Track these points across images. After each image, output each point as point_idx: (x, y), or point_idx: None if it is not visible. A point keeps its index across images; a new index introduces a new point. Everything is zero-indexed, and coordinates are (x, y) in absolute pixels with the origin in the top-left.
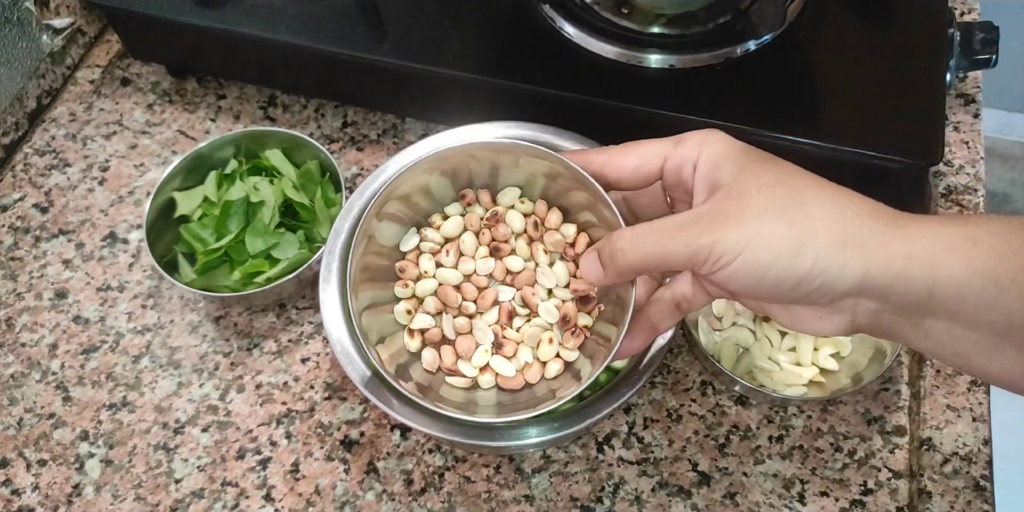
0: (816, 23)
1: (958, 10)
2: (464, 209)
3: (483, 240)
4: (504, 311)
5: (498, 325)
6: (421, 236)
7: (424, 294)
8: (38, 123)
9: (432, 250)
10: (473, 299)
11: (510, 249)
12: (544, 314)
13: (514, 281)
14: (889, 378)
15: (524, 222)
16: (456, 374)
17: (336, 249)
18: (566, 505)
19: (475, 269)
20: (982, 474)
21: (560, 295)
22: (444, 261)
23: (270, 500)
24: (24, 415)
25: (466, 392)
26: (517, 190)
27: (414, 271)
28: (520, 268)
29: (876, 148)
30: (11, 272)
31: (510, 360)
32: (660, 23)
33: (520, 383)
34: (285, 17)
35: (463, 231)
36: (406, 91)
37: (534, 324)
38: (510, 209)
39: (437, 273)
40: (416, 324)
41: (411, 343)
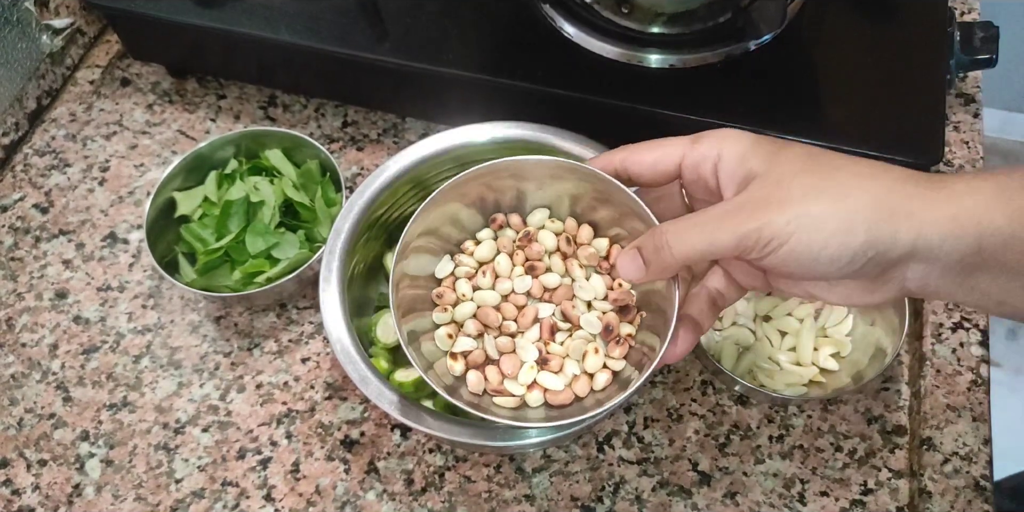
0: (817, 22)
1: (958, 10)
2: (495, 233)
3: (517, 260)
4: (546, 327)
5: (541, 341)
6: (456, 262)
7: (463, 318)
8: (38, 123)
9: (468, 274)
10: (513, 318)
11: (545, 267)
12: (586, 326)
13: (552, 297)
14: (889, 377)
15: (556, 240)
16: (503, 394)
17: (336, 249)
18: (567, 505)
19: (512, 288)
20: (982, 474)
21: (600, 307)
22: (481, 283)
23: (270, 500)
24: (24, 415)
25: (514, 412)
26: (546, 210)
27: (451, 296)
28: (557, 284)
29: (876, 147)
30: (11, 272)
31: (557, 374)
32: (660, 22)
33: (569, 397)
34: (285, 17)
35: (497, 253)
36: (406, 91)
37: (577, 337)
38: (541, 229)
39: (475, 296)
40: (458, 347)
41: (455, 366)
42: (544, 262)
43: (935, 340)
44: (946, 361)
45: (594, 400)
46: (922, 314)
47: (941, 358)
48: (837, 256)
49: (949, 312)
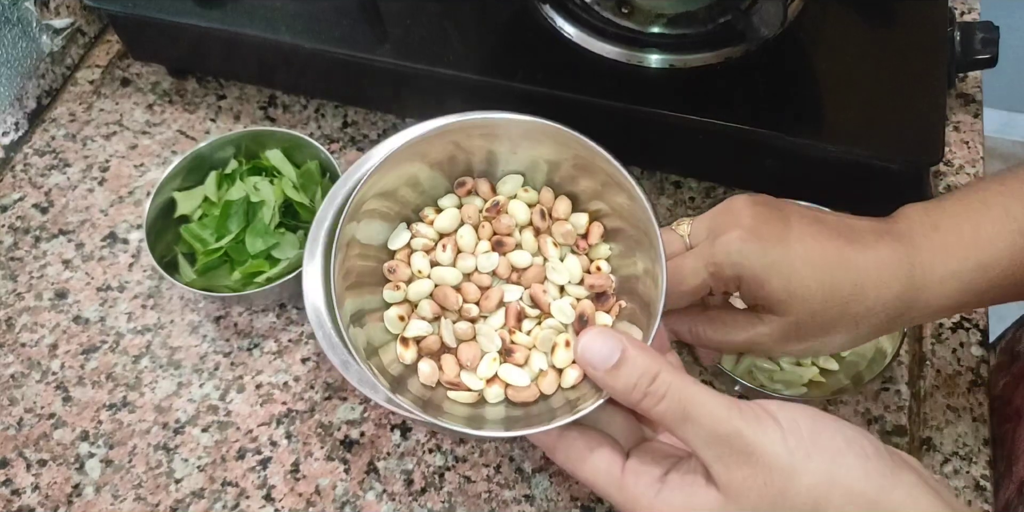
0: (817, 23)
1: (958, 10)
2: (460, 200)
3: (483, 234)
4: (512, 312)
5: (505, 329)
6: (412, 232)
7: (418, 297)
8: (38, 123)
9: (425, 247)
10: (475, 301)
11: (515, 243)
12: (558, 314)
13: (521, 278)
14: (889, 378)
15: (529, 213)
16: (459, 388)
17: (320, 236)
18: (566, 505)
19: (476, 266)
20: (982, 474)
21: (574, 293)
22: (440, 259)
23: (270, 500)
24: (24, 415)
25: (471, 408)
26: (519, 178)
27: (406, 271)
28: (527, 264)
29: (876, 148)
30: (11, 272)
31: (522, 368)
32: (660, 23)
33: (534, 394)
34: (285, 17)
35: (460, 225)
36: (406, 91)
37: (547, 326)
38: (512, 199)
39: (432, 272)
40: (410, 332)
41: (405, 354)
42: (514, 238)
43: (935, 340)
44: (946, 361)
45: (563, 399)
46: None
47: (941, 358)
48: None
49: None
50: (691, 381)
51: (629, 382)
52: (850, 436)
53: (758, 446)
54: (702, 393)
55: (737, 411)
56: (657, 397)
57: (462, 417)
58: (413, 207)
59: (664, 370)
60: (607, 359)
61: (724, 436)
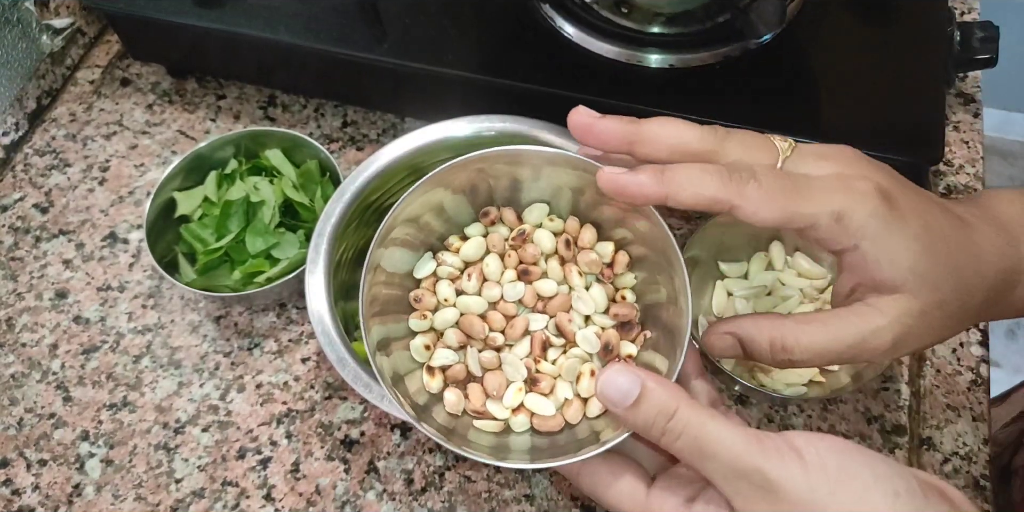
0: (816, 22)
1: (958, 10)
2: (486, 229)
3: (509, 263)
4: (537, 342)
5: (531, 358)
6: (438, 260)
7: (444, 326)
8: (38, 123)
9: (451, 276)
10: (501, 329)
11: (541, 272)
12: (583, 343)
13: (546, 307)
14: (889, 377)
15: (555, 241)
16: (485, 417)
17: (325, 232)
18: (566, 504)
19: (502, 295)
20: (982, 474)
21: (599, 322)
22: (466, 287)
23: (270, 500)
24: (24, 415)
25: (497, 437)
26: (545, 207)
27: (431, 300)
28: (553, 293)
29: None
30: (11, 272)
31: (547, 397)
32: (659, 22)
33: (559, 424)
34: (285, 17)
35: (486, 253)
36: (406, 91)
37: (571, 355)
38: (538, 227)
39: (458, 301)
40: (436, 361)
41: (431, 383)
42: (540, 266)
43: None
44: (946, 361)
45: (588, 428)
46: None
47: (941, 358)
48: None
49: None
50: (709, 416)
51: (648, 420)
52: (880, 472)
53: (778, 482)
54: (720, 430)
55: (758, 446)
56: (675, 435)
57: (487, 446)
58: (438, 235)
59: (682, 406)
60: (626, 396)
61: (743, 472)
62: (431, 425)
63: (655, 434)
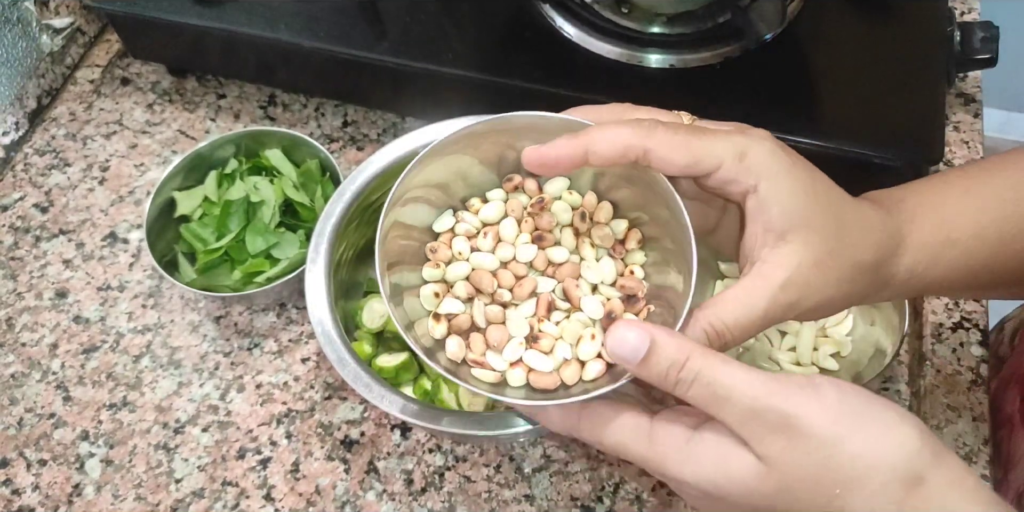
0: (816, 22)
1: (958, 10)
2: (507, 195)
3: (525, 228)
4: (543, 302)
5: (535, 318)
6: (457, 218)
7: (455, 278)
8: (38, 123)
9: (468, 233)
10: (509, 287)
11: (554, 240)
12: (587, 309)
13: (556, 273)
14: (889, 377)
15: (571, 213)
16: (484, 367)
17: (326, 231)
18: (566, 504)
19: (515, 256)
20: (982, 474)
21: (605, 292)
22: (481, 245)
23: (270, 500)
24: (24, 415)
25: (492, 388)
26: (565, 180)
27: (446, 253)
28: (564, 259)
29: (876, 147)
30: (11, 272)
31: (547, 355)
32: (660, 22)
33: (555, 382)
34: (285, 16)
35: (504, 217)
36: (406, 90)
37: (575, 319)
38: (557, 199)
39: (471, 257)
40: (444, 308)
41: (436, 328)
42: (554, 235)
43: (935, 340)
44: (946, 361)
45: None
46: (922, 314)
47: (941, 358)
48: None
49: (949, 312)
50: (721, 361)
51: (660, 371)
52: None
53: (796, 417)
54: (733, 373)
55: (775, 384)
56: (687, 384)
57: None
58: (461, 197)
59: (694, 355)
60: (636, 351)
61: (758, 412)
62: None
63: (668, 385)
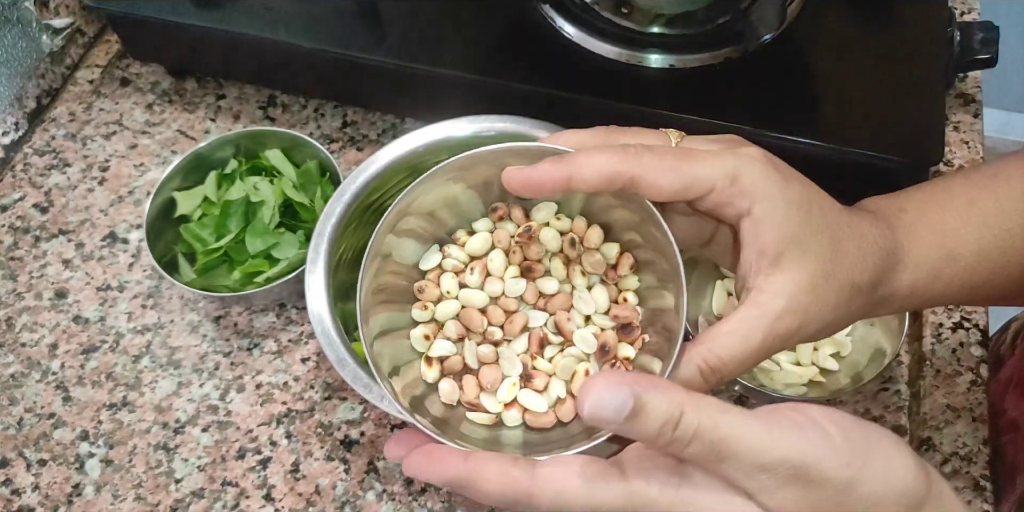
0: (816, 23)
1: (958, 10)
2: (494, 225)
3: (514, 260)
4: (535, 338)
5: (527, 354)
6: (444, 253)
7: (445, 317)
8: (38, 123)
9: (455, 269)
10: (500, 324)
11: (544, 270)
12: (580, 343)
13: (547, 305)
14: (889, 378)
15: (560, 240)
16: (478, 409)
17: (325, 232)
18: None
19: (504, 291)
20: (982, 474)
21: (599, 322)
22: (469, 281)
23: (270, 500)
24: (24, 415)
25: (489, 430)
26: (553, 205)
27: (434, 292)
28: (555, 291)
29: (876, 148)
30: (11, 272)
31: (541, 394)
32: (660, 23)
33: (551, 421)
34: (285, 17)
35: (491, 249)
36: (405, 91)
37: (568, 354)
38: (545, 226)
39: (460, 294)
40: (435, 351)
41: (428, 372)
42: (544, 264)
43: (935, 340)
44: (946, 361)
45: (580, 426)
46: (922, 314)
47: (941, 358)
48: None
49: (949, 312)
50: (719, 411)
51: (652, 431)
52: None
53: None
54: (735, 426)
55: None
56: (683, 443)
57: (480, 439)
58: (447, 229)
59: (687, 408)
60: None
61: (767, 466)
62: (425, 417)
63: (661, 444)
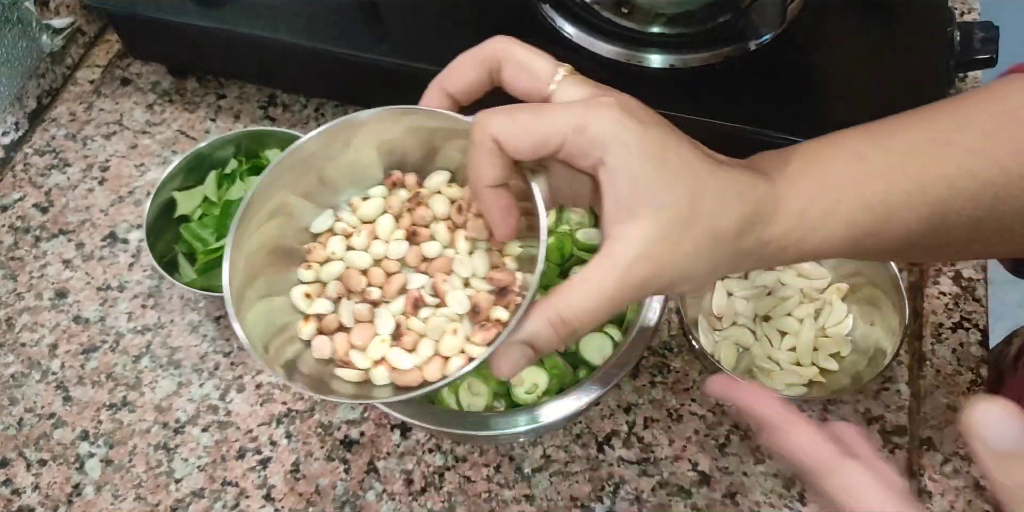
0: (816, 22)
1: (958, 10)
2: (388, 191)
3: (402, 224)
4: (410, 299)
5: (403, 315)
6: (337, 217)
7: (329, 277)
8: (38, 123)
9: (345, 232)
10: (380, 284)
11: (429, 234)
12: (453, 304)
13: (428, 268)
14: (889, 378)
15: (449, 207)
16: (348, 366)
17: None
18: (566, 505)
19: (386, 253)
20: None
21: (476, 285)
22: (355, 243)
23: (270, 500)
24: (24, 415)
25: (357, 387)
26: (446, 173)
27: (321, 253)
28: (436, 254)
29: None
30: (11, 272)
31: (410, 353)
32: (660, 22)
33: (417, 379)
34: (285, 17)
35: (382, 213)
36: (406, 91)
37: (441, 315)
38: (436, 194)
39: (345, 256)
40: (313, 309)
41: (304, 329)
42: (430, 230)
43: (935, 340)
44: (946, 361)
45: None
46: (922, 314)
47: (941, 358)
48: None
49: (949, 312)
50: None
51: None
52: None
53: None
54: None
55: None
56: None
57: (349, 395)
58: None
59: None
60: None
61: None
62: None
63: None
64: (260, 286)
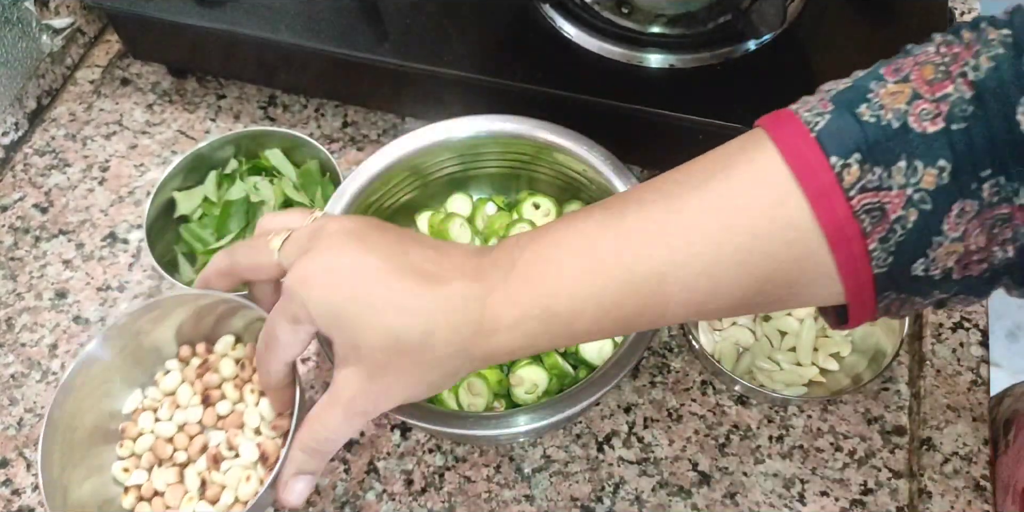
0: (816, 23)
1: (958, 10)
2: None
3: (197, 389)
4: (210, 456)
5: (207, 470)
6: (144, 394)
7: (142, 451)
8: (38, 123)
9: (153, 407)
10: (184, 447)
11: (220, 395)
12: (245, 454)
13: (224, 424)
14: (889, 378)
15: (235, 368)
16: None
17: None
18: (566, 505)
19: (186, 419)
20: (982, 474)
21: (267, 433)
22: (161, 415)
23: None
24: (24, 415)
25: None
26: (231, 338)
27: (134, 430)
28: (228, 411)
29: None
30: (11, 272)
31: (214, 505)
32: (660, 23)
33: None
34: (285, 17)
35: (181, 383)
36: (406, 91)
37: (236, 465)
38: (224, 357)
39: (155, 427)
40: (131, 481)
41: (126, 500)
42: (221, 390)
43: (935, 340)
44: (946, 361)
45: None
46: (922, 314)
47: (941, 358)
48: None
49: (949, 312)
50: None
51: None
52: None
53: None
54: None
55: None
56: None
57: None
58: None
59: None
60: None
61: None
62: None
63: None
64: (82, 470)
